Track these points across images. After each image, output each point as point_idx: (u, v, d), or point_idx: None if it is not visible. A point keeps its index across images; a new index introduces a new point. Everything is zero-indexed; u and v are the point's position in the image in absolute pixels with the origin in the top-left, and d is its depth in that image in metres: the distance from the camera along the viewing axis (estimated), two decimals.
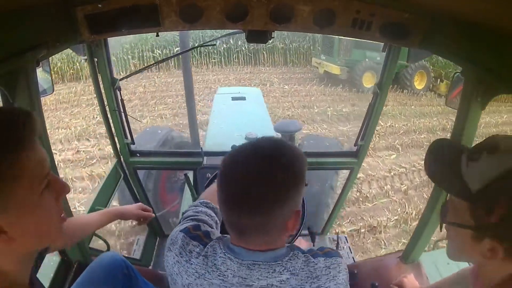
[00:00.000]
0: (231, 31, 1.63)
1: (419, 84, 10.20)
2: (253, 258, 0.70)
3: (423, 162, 0.78)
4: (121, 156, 1.89)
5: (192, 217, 0.89)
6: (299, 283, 0.69)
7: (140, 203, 1.37)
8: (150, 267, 2.20)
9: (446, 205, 0.75)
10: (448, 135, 1.15)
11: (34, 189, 0.53)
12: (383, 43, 1.43)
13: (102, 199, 1.69)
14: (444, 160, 0.72)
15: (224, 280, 0.69)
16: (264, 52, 11.53)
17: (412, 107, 8.71)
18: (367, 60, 9.59)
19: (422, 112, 8.26)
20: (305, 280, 0.69)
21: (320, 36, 10.08)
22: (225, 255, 0.71)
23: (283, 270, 0.69)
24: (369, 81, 9.43)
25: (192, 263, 0.73)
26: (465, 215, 0.66)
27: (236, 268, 0.69)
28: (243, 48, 11.30)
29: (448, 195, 0.80)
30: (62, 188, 0.60)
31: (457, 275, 1.16)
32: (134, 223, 1.35)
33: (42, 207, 0.55)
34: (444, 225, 0.76)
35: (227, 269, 0.70)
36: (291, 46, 11.80)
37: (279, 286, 0.68)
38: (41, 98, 1.04)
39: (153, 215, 1.37)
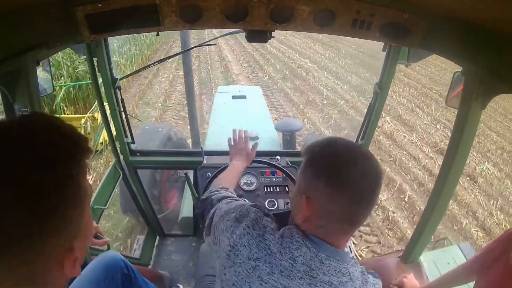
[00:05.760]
0: (231, 31, 1.63)
1: None
2: (329, 253, 0.71)
3: None
4: (120, 155, 1.89)
5: (236, 198, 0.96)
6: None
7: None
8: (150, 266, 2.20)
9: None
10: None
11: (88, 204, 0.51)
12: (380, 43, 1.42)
13: (101, 199, 1.69)
14: None
15: (293, 264, 0.71)
16: None
17: None
18: None
19: None
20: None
21: None
22: (302, 241, 0.72)
23: (346, 272, 0.72)
24: None
25: (266, 239, 0.74)
26: None
27: (309, 257, 0.71)
28: None
29: None
30: None
31: (456, 270, 1.16)
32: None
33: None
34: None
35: (300, 255, 0.71)
36: None
37: (337, 287, 0.71)
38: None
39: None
